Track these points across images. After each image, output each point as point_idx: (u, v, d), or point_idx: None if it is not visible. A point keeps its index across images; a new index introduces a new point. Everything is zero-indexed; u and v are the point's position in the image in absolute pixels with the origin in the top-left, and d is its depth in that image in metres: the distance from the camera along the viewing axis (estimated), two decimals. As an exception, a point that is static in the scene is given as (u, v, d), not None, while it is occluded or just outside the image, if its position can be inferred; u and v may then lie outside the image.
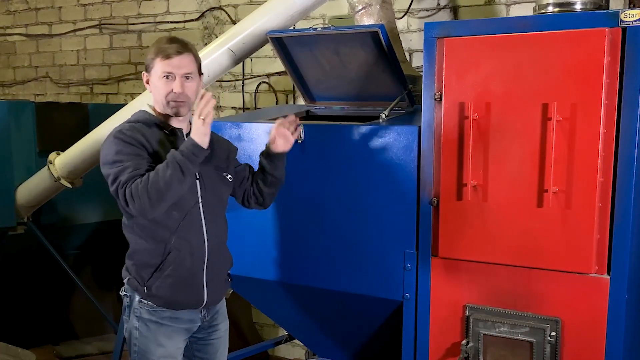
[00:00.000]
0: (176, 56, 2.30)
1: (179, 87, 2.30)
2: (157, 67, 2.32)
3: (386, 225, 2.60)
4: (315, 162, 2.72)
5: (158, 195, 2.18)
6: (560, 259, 2.26)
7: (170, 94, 2.31)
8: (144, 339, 2.38)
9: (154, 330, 2.37)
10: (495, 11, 3.61)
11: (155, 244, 2.33)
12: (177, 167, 2.18)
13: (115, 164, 2.24)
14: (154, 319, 2.37)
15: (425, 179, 2.48)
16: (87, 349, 4.62)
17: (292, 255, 2.83)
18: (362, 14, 3.17)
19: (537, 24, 2.26)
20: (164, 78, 2.31)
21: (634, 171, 2.15)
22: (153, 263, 2.34)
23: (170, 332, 2.39)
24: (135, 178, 2.20)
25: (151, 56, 2.34)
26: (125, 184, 2.21)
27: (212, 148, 2.36)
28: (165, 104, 2.34)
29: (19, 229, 4.20)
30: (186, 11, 4.75)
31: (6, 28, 5.78)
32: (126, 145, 2.25)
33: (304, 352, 3.52)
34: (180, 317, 2.40)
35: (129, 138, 2.27)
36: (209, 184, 2.40)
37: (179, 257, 2.33)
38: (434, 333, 2.54)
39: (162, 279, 2.34)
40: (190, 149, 2.21)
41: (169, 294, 2.35)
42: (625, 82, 2.13)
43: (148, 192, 2.17)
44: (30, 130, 4.22)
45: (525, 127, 2.26)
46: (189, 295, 2.39)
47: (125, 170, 2.22)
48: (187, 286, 2.37)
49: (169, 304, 2.37)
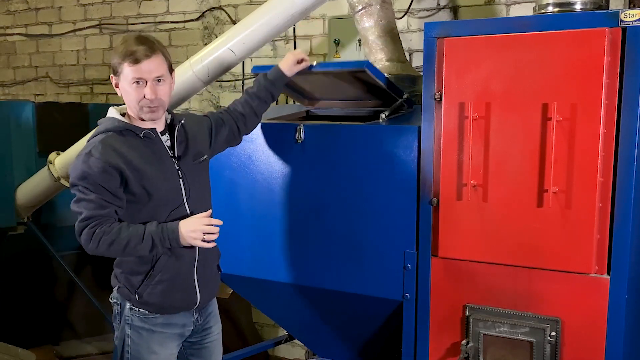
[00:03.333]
0: (145, 60, 2.19)
1: (151, 93, 2.21)
2: (126, 72, 2.21)
3: (386, 225, 2.60)
4: (315, 162, 2.72)
5: (116, 253, 2.23)
6: (560, 259, 2.26)
7: (143, 99, 2.22)
8: (136, 346, 2.35)
9: (146, 337, 2.34)
10: (495, 11, 3.61)
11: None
12: (150, 245, 2.19)
13: (80, 187, 2.19)
14: (147, 327, 2.34)
15: (425, 179, 2.48)
16: (87, 349, 4.61)
17: (292, 255, 2.83)
18: (362, 14, 3.17)
19: (537, 24, 2.26)
20: (135, 84, 2.20)
21: (634, 171, 2.15)
22: (142, 270, 2.31)
23: (163, 339, 2.37)
24: (98, 219, 2.17)
25: (118, 60, 2.21)
26: (87, 219, 2.17)
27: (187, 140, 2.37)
28: (138, 110, 2.25)
29: (19, 229, 4.20)
30: (186, 11, 4.75)
31: (6, 28, 5.78)
32: (93, 172, 2.16)
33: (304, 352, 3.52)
34: (172, 322, 2.37)
35: (98, 162, 2.16)
36: (191, 179, 2.36)
37: (169, 262, 2.30)
38: (434, 333, 2.54)
39: (152, 286, 2.30)
40: (171, 242, 2.22)
41: (161, 299, 2.31)
42: (625, 82, 2.13)
43: (109, 246, 2.18)
44: (30, 130, 4.21)
45: (525, 127, 2.26)
46: (183, 298, 2.36)
47: (89, 204, 2.17)
48: (180, 289, 2.34)
49: (162, 310, 2.34)
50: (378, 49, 3.18)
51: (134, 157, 2.23)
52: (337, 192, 2.69)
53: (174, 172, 2.32)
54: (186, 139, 2.39)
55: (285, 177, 2.79)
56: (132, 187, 2.21)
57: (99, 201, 2.17)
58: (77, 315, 4.64)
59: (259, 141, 2.84)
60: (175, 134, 2.36)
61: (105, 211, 2.18)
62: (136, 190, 2.22)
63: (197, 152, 2.42)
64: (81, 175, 2.18)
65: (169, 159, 2.32)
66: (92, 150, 2.20)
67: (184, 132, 2.40)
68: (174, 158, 2.33)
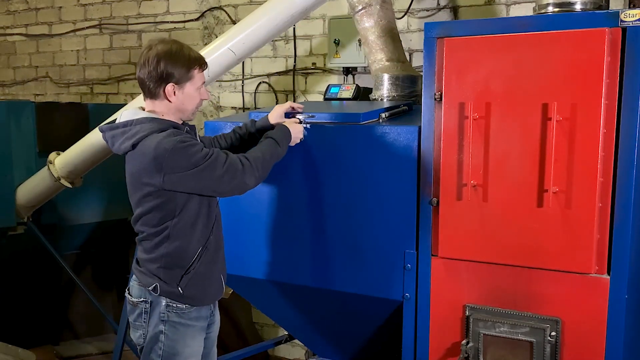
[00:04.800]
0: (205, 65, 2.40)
1: (206, 94, 2.43)
2: (197, 78, 2.35)
3: (386, 225, 2.60)
4: (315, 162, 2.72)
5: (269, 167, 2.46)
6: (560, 259, 2.26)
7: (201, 102, 2.43)
8: (172, 342, 2.40)
9: (182, 332, 2.40)
10: (495, 11, 3.61)
11: (192, 244, 2.38)
12: (283, 145, 2.50)
13: (199, 157, 2.25)
14: (183, 321, 2.40)
15: (425, 179, 2.48)
16: (87, 349, 4.61)
17: (292, 255, 2.83)
18: (362, 14, 3.17)
19: (537, 24, 2.26)
20: (200, 87, 2.38)
21: (634, 171, 2.15)
22: (184, 264, 2.38)
23: (195, 332, 2.45)
24: (231, 155, 2.32)
25: (185, 68, 2.31)
26: (226, 159, 2.29)
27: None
28: (193, 112, 2.42)
29: (19, 229, 4.21)
30: (186, 11, 4.76)
31: (6, 28, 5.78)
32: (192, 144, 2.27)
33: (304, 352, 3.52)
34: (201, 315, 2.46)
35: (183, 137, 2.28)
36: None
37: (208, 254, 2.41)
38: (434, 333, 2.54)
39: (191, 278, 2.38)
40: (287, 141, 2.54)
41: (199, 291, 2.41)
42: (625, 82, 2.13)
43: (263, 164, 2.38)
44: (30, 130, 4.21)
45: (525, 127, 2.26)
46: (215, 291, 2.49)
47: (218, 154, 2.29)
48: (214, 281, 2.47)
49: (199, 301, 2.42)
50: (378, 49, 3.18)
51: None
52: (337, 192, 2.69)
53: None
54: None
55: (285, 177, 2.79)
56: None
57: (210, 145, 2.59)
58: (77, 315, 4.65)
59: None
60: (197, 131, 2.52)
61: (223, 143, 2.64)
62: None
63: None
64: (180, 140, 2.25)
65: None
66: (173, 139, 2.25)
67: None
68: None
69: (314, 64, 4.22)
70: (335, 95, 3.52)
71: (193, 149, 2.27)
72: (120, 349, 3.67)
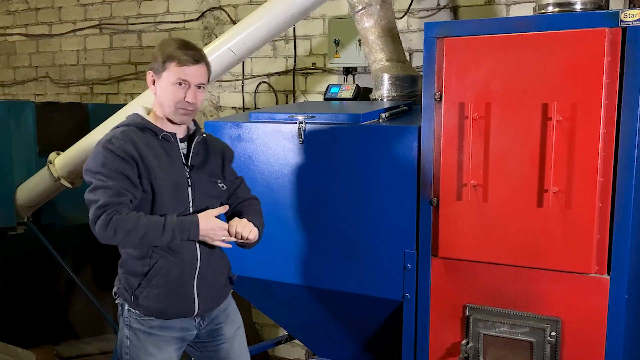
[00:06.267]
0: (193, 65, 2.23)
1: (193, 97, 2.24)
2: (170, 72, 2.22)
3: (386, 225, 2.60)
4: (315, 162, 2.72)
5: (132, 242, 2.18)
6: (560, 259, 2.26)
7: (182, 102, 2.24)
8: (134, 348, 2.32)
9: (143, 339, 2.31)
10: (495, 11, 3.61)
11: (141, 253, 2.26)
12: (170, 236, 2.17)
13: (98, 176, 2.17)
14: (143, 329, 2.31)
15: (425, 179, 2.48)
16: (87, 349, 4.61)
17: (292, 255, 2.83)
18: (362, 14, 3.17)
19: (537, 24, 2.26)
20: (177, 85, 2.23)
21: (634, 171, 2.15)
22: (140, 272, 2.27)
23: (160, 342, 2.32)
24: (114, 206, 2.13)
25: (163, 58, 2.23)
26: (104, 206, 2.14)
27: (207, 156, 2.37)
28: (173, 110, 2.26)
29: (19, 229, 4.20)
30: (186, 11, 4.75)
31: (6, 28, 5.78)
32: (114, 159, 2.16)
33: (304, 352, 3.52)
34: (170, 326, 2.32)
35: (118, 150, 2.17)
36: (200, 191, 2.33)
37: (166, 267, 2.26)
38: (434, 333, 2.54)
39: (149, 289, 2.27)
40: (190, 235, 2.20)
41: (156, 303, 2.28)
42: (625, 82, 2.13)
43: (126, 234, 2.13)
44: (30, 130, 4.21)
45: (525, 127, 2.26)
46: (178, 305, 2.31)
47: (107, 191, 2.14)
48: (176, 296, 2.29)
49: (157, 314, 2.30)
50: (378, 49, 3.18)
51: (148, 154, 2.23)
52: (337, 192, 2.69)
53: (183, 178, 2.29)
54: (206, 153, 2.39)
55: (285, 177, 2.79)
56: (142, 183, 2.22)
57: (117, 188, 2.15)
58: (77, 315, 4.64)
59: (259, 141, 2.84)
60: (193, 144, 2.34)
61: (123, 199, 2.16)
62: (145, 188, 2.22)
63: (212, 170, 2.39)
64: (102, 162, 2.17)
65: (182, 165, 2.31)
66: (112, 139, 2.22)
67: (204, 146, 2.40)
68: (187, 166, 2.32)
69: (314, 64, 4.22)
70: (335, 95, 3.52)
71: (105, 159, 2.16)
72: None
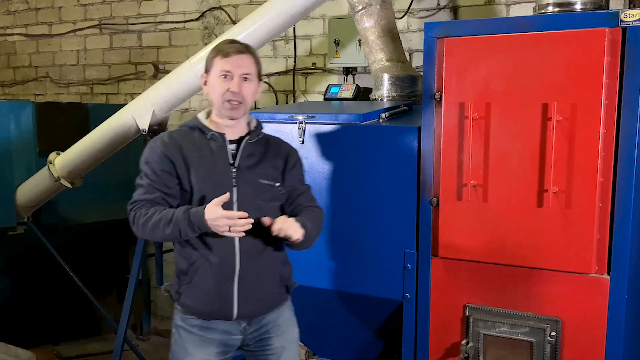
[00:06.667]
0: (235, 55, 2.25)
1: (236, 86, 2.23)
2: (215, 66, 2.26)
3: (386, 225, 2.60)
4: (315, 162, 2.72)
5: (152, 235, 2.25)
6: (560, 259, 2.26)
7: (227, 93, 2.24)
8: (176, 345, 2.35)
9: (184, 337, 2.33)
10: (495, 11, 3.61)
11: (183, 251, 2.30)
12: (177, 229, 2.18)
13: (141, 171, 2.30)
14: (185, 327, 2.33)
15: (425, 179, 2.48)
16: (87, 349, 4.61)
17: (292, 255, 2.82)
18: (362, 14, 3.17)
19: (537, 24, 2.26)
20: (222, 77, 2.25)
21: (634, 171, 2.15)
22: (183, 270, 2.30)
23: (200, 342, 2.31)
24: (142, 203, 2.24)
25: (211, 56, 2.29)
26: (133, 203, 2.27)
27: (263, 157, 2.32)
28: (221, 104, 2.26)
29: (19, 229, 4.20)
30: (186, 11, 4.75)
31: (6, 28, 5.78)
32: (152, 158, 2.27)
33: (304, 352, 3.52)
34: (212, 327, 2.31)
35: (158, 149, 2.27)
36: (246, 192, 2.27)
37: (204, 267, 2.26)
38: (434, 333, 2.54)
39: (190, 287, 2.29)
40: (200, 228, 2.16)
41: (194, 302, 2.29)
42: (625, 82, 2.13)
43: (144, 227, 2.22)
44: (30, 130, 4.22)
45: (525, 127, 2.26)
46: (216, 306, 2.28)
47: (140, 188, 2.27)
48: (213, 297, 2.27)
49: (196, 313, 2.31)
50: (378, 49, 3.18)
51: (192, 154, 2.27)
52: (337, 192, 2.69)
53: (228, 178, 2.26)
54: (262, 155, 2.34)
55: (285, 177, 2.78)
56: (182, 183, 2.26)
57: (149, 187, 2.26)
58: (77, 315, 4.64)
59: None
60: (242, 144, 2.30)
61: (152, 196, 2.25)
62: (185, 186, 2.26)
63: (267, 172, 2.32)
64: (145, 160, 2.30)
65: (227, 165, 2.28)
66: (158, 138, 2.33)
67: (261, 148, 2.35)
68: (233, 166, 2.29)
69: (314, 64, 4.22)
70: (335, 95, 3.52)
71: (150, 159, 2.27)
72: (120, 349, 3.67)
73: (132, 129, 3.59)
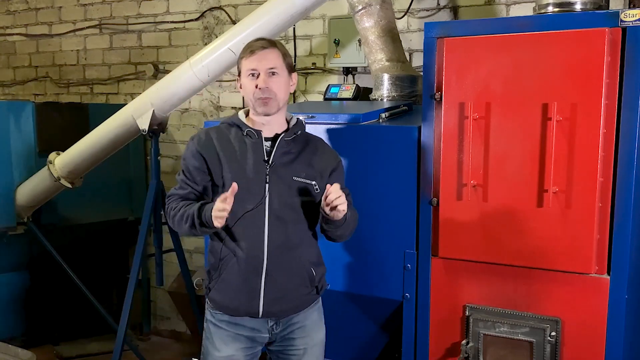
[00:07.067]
0: (259, 51, 2.24)
1: (263, 82, 2.23)
2: (243, 66, 2.28)
3: (386, 225, 2.60)
4: (315, 162, 2.72)
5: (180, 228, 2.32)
6: (560, 259, 2.26)
7: (256, 91, 2.24)
8: (206, 339, 2.39)
9: (213, 332, 2.35)
10: (495, 11, 3.61)
11: (214, 246, 2.33)
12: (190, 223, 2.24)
13: (181, 166, 2.37)
14: (214, 321, 2.35)
15: (425, 179, 2.48)
16: (87, 349, 4.61)
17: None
18: (362, 14, 3.18)
19: (537, 24, 2.26)
20: (249, 76, 2.25)
21: (634, 171, 2.15)
22: (213, 265, 2.33)
23: (226, 337, 2.32)
24: (175, 197, 2.33)
25: (239, 58, 2.31)
26: (169, 197, 2.37)
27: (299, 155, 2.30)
28: (254, 102, 2.26)
29: (19, 229, 4.20)
30: (186, 11, 4.75)
31: (6, 28, 5.78)
32: (188, 155, 2.33)
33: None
34: (240, 323, 2.32)
35: (193, 146, 2.32)
36: (278, 189, 2.25)
37: (232, 262, 2.27)
38: (434, 333, 2.54)
39: (218, 282, 2.30)
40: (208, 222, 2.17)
41: (221, 298, 2.31)
42: (625, 82, 2.13)
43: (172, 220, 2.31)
44: (30, 130, 4.21)
45: (525, 127, 2.26)
46: (242, 303, 2.28)
47: (176, 185, 2.36)
48: (240, 293, 2.27)
49: (223, 309, 2.32)
50: (378, 49, 3.18)
51: (226, 150, 2.29)
52: (337, 192, 2.68)
53: (261, 174, 2.25)
54: (299, 152, 2.31)
55: (285, 177, 2.78)
56: (214, 178, 2.30)
57: (182, 182, 2.34)
58: (77, 315, 4.64)
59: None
60: (278, 141, 2.28)
61: (184, 192, 2.33)
62: (217, 182, 2.29)
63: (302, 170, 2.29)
64: (183, 156, 2.37)
65: (262, 162, 2.26)
66: (195, 135, 2.37)
67: (299, 146, 2.33)
68: (267, 162, 2.27)
69: (314, 64, 4.21)
70: (335, 95, 3.52)
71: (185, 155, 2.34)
72: (120, 349, 3.67)
73: (132, 129, 3.59)
